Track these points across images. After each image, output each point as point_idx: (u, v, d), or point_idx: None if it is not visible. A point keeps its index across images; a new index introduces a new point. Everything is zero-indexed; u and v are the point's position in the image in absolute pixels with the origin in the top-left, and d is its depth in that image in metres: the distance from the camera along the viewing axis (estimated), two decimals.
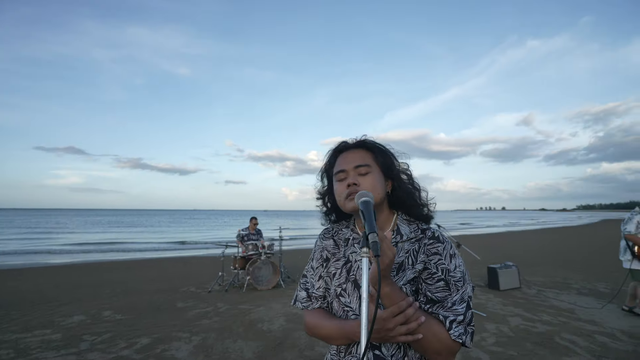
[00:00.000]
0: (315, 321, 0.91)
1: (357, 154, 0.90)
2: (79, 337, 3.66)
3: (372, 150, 0.91)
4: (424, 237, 0.88)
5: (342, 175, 0.88)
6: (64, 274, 7.88)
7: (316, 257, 0.98)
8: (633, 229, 4.17)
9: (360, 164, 0.86)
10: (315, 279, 0.96)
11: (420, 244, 0.87)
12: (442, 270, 0.82)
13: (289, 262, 8.69)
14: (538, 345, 3.34)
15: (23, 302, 5.19)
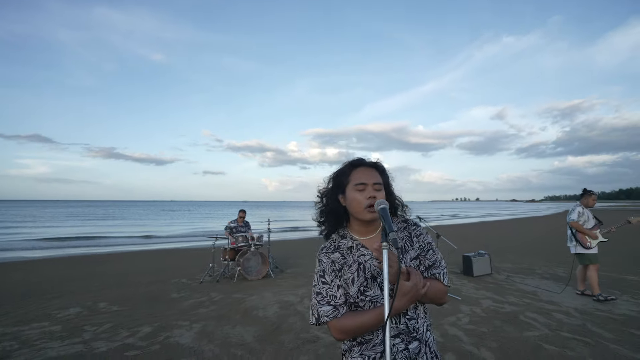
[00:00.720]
0: (351, 321, 1.06)
1: (372, 172, 1.16)
2: (80, 328, 3.79)
3: (381, 172, 1.19)
4: (407, 225, 1.19)
5: (361, 187, 1.12)
6: (47, 267, 7.77)
7: (327, 272, 1.13)
8: (575, 218, 4.75)
9: (377, 182, 1.13)
10: (334, 290, 1.10)
11: (408, 231, 1.18)
12: (427, 244, 1.17)
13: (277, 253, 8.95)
14: (505, 322, 3.81)
15: (13, 296, 5.18)
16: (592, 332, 3.49)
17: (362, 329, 1.06)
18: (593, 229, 4.76)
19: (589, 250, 4.70)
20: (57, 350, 3.19)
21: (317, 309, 1.10)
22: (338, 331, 1.07)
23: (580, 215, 4.79)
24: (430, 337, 1.13)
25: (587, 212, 4.85)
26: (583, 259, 4.80)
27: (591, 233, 4.71)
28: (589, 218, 4.81)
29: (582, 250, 4.76)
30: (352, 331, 1.07)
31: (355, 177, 1.14)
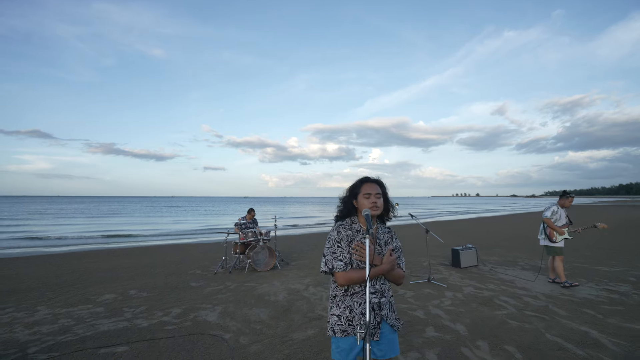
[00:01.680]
0: (352, 274, 1.70)
1: (375, 186, 1.81)
2: (119, 309, 4.47)
3: (381, 185, 1.85)
4: (390, 230, 1.89)
5: (367, 195, 1.78)
6: (72, 261, 8.46)
7: (344, 240, 1.79)
8: (549, 215, 5.42)
9: (378, 192, 1.79)
10: (345, 254, 1.76)
11: (390, 234, 1.88)
12: (398, 245, 1.85)
13: (282, 247, 9.64)
14: (480, 304, 4.49)
15: (49, 285, 5.86)
16: (551, 311, 4.17)
17: (356, 281, 1.72)
18: (563, 226, 5.43)
19: (555, 244, 5.39)
20: (107, 326, 3.87)
21: (332, 263, 1.74)
22: (344, 279, 1.71)
23: (553, 214, 5.45)
24: (392, 298, 1.83)
25: (562, 211, 5.51)
26: (550, 251, 5.48)
27: (559, 230, 5.38)
28: (561, 217, 5.47)
29: (549, 243, 5.44)
30: (352, 281, 1.71)
31: (364, 189, 1.81)
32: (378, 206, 1.75)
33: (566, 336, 3.42)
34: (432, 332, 3.57)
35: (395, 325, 1.80)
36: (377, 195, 1.78)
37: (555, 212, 5.46)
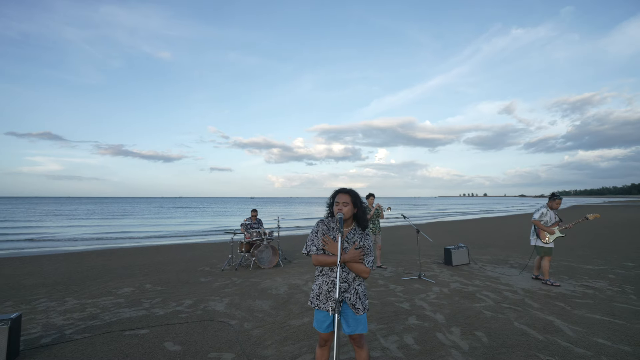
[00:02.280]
0: (322, 257, 2.25)
1: (344, 196, 2.30)
2: (138, 300, 5.02)
3: (351, 195, 2.33)
4: (364, 233, 2.34)
5: (337, 204, 2.28)
6: (90, 258, 9.10)
7: (319, 232, 2.32)
8: (537, 217, 5.80)
9: (345, 202, 2.27)
10: (319, 242, 2.30)
11: (362, 236, 2.32)
12: (368, 245, 2.29)
13: (284, 247, 10.15)
14: (463, 298, 4.94)
15: (73, 280, 6.46)
16: (525, 304, 4.60)
17: (324, 263, 2.23)
18: (553, 225, 5.79)
19: (546, 245, 5.74)
20: (129, 314, 4.41)
21: (310, 247, 2.30)
22: (316, 261, 2.25)
23: (542, 215, 5.81)
24: (359, 287, 2.29)
25: (551, 212, 5.85)
26: (539, 251, 5.85)
27: (549, 230, 5.73)
28: (550, 218, 5.82)
29: (540, 244, 5.81)
30: (321, 263, 2.24)
31: (337, 198, 2.31)
32: (343, 212, 2.24)
33: (532, 324, 3.86)
34: (414, 321, 4.04)
35: (356, 306, 2.27)
36: (344, 204, 2.28)
37: (544, 214, 5.81)
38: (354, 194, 2.36)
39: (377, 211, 7.20)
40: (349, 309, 2.25)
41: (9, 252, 11.29)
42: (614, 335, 3.52)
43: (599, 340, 3.41)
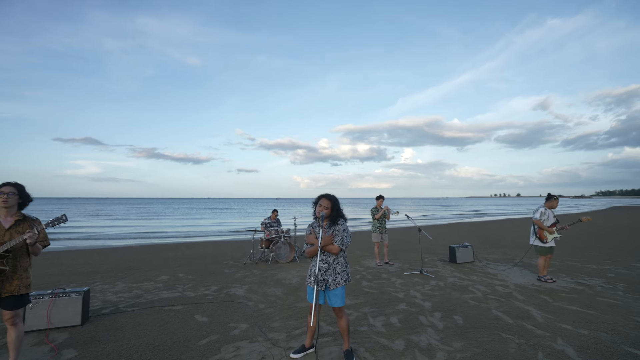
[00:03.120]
0: (309, 250, 2.98)
1: (326, 201, 3.02)
2: (173, 286, 5.97)
3: (331, 200, 3.04)
4: (338, 224, 3.03)
5: (320, 206, 3.00)
6: (132, 252, 10.36)
7: (308, 230, 3.08)
8: (538, 216, 6.12)
9: (326, 206, 2.99)
10: (310, 236, 3.06)
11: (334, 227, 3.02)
12: (338, 230, 2.99)
13: (302, 244, 10.90)
14: (455, 290, 5.45)
15: (120, 269, 7.58)
16: (511, 296, 5.05)
17: (311, 253, 2.95)
18: (551, 226, 6.11)
19: (545, 244, 6.04)
20: (166, 295, 5.35)
21: (303, 248, 3.05)
22: (308, 253, 2.98)
23: (542, 215, 6.14)
24: (337, 265, 2.97)
25: (550, 212, 6.16)
26: (539, 250, 6.15)
27: (549, 230, 6.05)
28: (549, 217, 6.14)
29: (539, 243, 6.12)
30: (311, 254, 2.96)
31: (320, 201, 3.03)
32: (323, 211, 2.94)
33: (508, 312, 4.34)
34: (403, 306, 4.64)
35: (335, 280, 2.96)
36: (325, 208, 2.99)
37: (543, 214, 6.13)
38: (334, 199, 3.07)
39: (384, 212, 7.78)
40: (328, 285, 2.95)
41: (66, 246, 12.95)
42: (579, 322, 3.94)
43: (563, 325, 3.86)
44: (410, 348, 3.33)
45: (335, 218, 3.04)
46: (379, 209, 7.77)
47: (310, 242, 3.01)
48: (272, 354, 3.23)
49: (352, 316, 4.27)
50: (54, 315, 3.82)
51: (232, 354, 3.25)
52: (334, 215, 3.04)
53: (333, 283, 2.97)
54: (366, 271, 7.02)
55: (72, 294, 3.96)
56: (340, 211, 3.09)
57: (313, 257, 3.01)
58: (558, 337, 3.54)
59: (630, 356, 3.08)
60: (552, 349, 3.24)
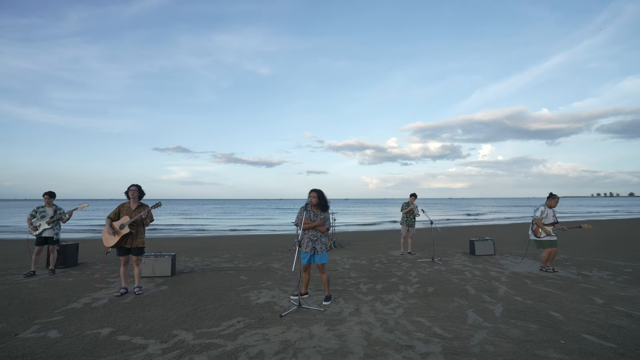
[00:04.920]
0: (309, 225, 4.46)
1: (314, 193, 4.52)
2: (231, 260, 8.01)
3: (318, 193, 4.54)
4: (325, 212, 4.53)
5: (310, 196, 4.51)
6: (205, 240, 13.12)
7: (301, 212, 4.55)
8: (539, 215, 6.58)
9: (314, 197, 4.49)
10: (300, 217, 4.58)
11: (322, 215, 4.52)
12: (325, 217, 4.48)
13: (342, 238, 12.39)
14: (451, 273, 6.34)
15: (196, 251, 10.07)
16: (496, 279, 5.79)
17: (309, 227, 4.47)
18: (549, 225, 6.54)
19: (542, 238, 6.50)
20: (225, 265, 7.37)
21: (296, 221, 4.57)
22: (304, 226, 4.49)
23: (542, 213, 6.62)
24: (323, 238, 4.46)
25: (549, 211, 6.62)
26: (539, 244, 6.61)
27: (546, 230, 6.49)
28: (548, 216, 6.58)
29: (535, 238, 6.61)
30: (307, 227, 4.48)
31: (310, 194, 4.56)
32: (313, 202, 4.42)
33: (479, 287, 5.21)
34: (394, 280, 5.82)
35: (321, 248, 4.41)
36: (314, 197, 4.46)
37: (543, 212, 6.60)
38: (320, 193, 4.53)
39: (411, 209, 8.78)
40: (316, 251, 4.44)
41: (166, 235, 16.63)
42: (534, 296, 4.67)
43: (516, 297, 4.66)
44: (375, 300, 4.60)
45: (323, 206, 4.52)
46: (409, 205, 8.79)
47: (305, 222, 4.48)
48: (280, 296, 4.84)
49: (348, 282, 5.65)
50: (156, 268, 6.05)
51: (256, 294, 4.95)
52: (321, 203, 4.51)
53: (320, 249, 4.44)
54: (386, 258, 8.17)
55: (165, 256, 6.16)
56: (326, 200, 4.54)
57: (305, 231, 4.52)
58: (500, 302, 4.41)
59: (547, 317, 3.87)
60: (484, 309, 4.19)
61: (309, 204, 4.53)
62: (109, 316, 3.99)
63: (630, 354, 2.92)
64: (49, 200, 6.49)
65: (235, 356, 2.93)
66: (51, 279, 5.98)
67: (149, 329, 3.57)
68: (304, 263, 4.55)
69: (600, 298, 4.59)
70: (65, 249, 7.04)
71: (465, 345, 3.12)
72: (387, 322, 3.75)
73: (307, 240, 4.49)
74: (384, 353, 2.97)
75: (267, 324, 3.71)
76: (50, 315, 4.03)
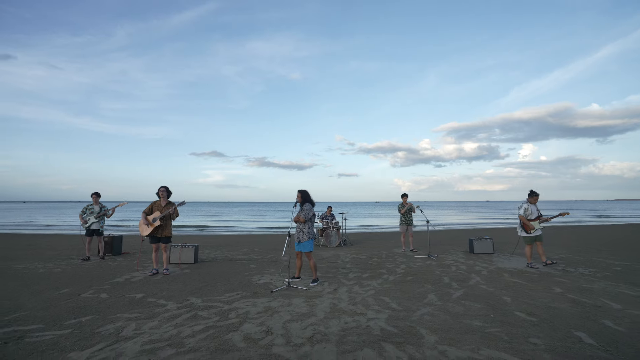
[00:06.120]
0: (294, 218, 5.45)
1: (298, 193, 5.46)
2: (247, 253, 9.13)
3: (301, 192, 5.47)
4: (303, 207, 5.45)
5: (297, 196, 5.45)
6: (228, 238, 14.48)
7: (293, 210, 5.55)
8: (522, 212, 6.99)
9: (299, 196, 5.43)
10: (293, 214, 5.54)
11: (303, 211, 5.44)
12: (303, 210, 5.39)
13: (353, 238, 13.14)
14: (438, 267, 6.93)
15: (220, 246, 11.35)
16: (477, 272, 6.32)
17: (295, 221, 5.43)
18: (535, 219, 6.94)
19: (530, 235, 6.91)
20: (241, 256, 8.49)
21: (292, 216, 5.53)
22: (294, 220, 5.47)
23: (525, 210, 7.04)
24: (305, 229, 5.37)
25: (532, 207, 7.01)
26: (527, 240, 7.02)
27: (530, 224, 6.90)
28: (532, 212, 6.98)
29: (524, 234, 7.02)
30: (295, 220, 5.44)
31: (297, 195, 5.51)
32: (298, 200, 5.34)
33: (455, 278, 5.81)
34: (381, 271, 6.55)
35: (302, 238, 5.31)
36: (298, 197, 5.38)
37: (526, 209, 7.01)
38: (304, 192, 5.44)
39: (408, 208, 9.42)
40: (300, 240, 5.35)
41: (206, 233, 18.36)
42: (502, 286, 5.21)
43: (482, 286, 5.23)
44: (355, 284, 5.41)
45: (302, 204, 5.43)
46: (404, 205, 9.43)
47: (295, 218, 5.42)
48: (278, 279, 5.80)
49: (340, 272, 6.47)
50: (182, 256, 7.29)
51: (258, 277, 5.96)
52: (303, 201, 5.42)
53: (302, 239, 5.35)
54: (386, 254, 8.85)
55: (190, 246, 7.38)
56: (308, 198, 5.45)
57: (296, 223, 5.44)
58: (464, 289, 5.03)
59: (496, 300, 4.46)
60: (446, 293, 4.85)
61: (296, 202, 5.46)
62: (142, 287, 5.20)
63: (543, 324, 3.51)
64: (96, 199, 8.00)
65: (227, 312, 3.93)
66: (101, 263, 7.44)
67: (170, 295, 4.69)
68: (296, 250, 5.47)
69: (560, 288, 5.04)
70: (113, 240, 8.55)
71: (408, 315, 3.87)
72: (355, 298, 4.57)
73: (296, 232, 5.41)
74: (339, 317, 3.81)
75: (259, 296, 4.68)
76: (101, 284, 5.33)
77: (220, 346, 3.00)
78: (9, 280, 5.66)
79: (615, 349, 2.93)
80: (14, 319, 3.70)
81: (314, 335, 3.26)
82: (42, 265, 7.12)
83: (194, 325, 3.54)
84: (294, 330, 3.40)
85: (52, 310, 4.04)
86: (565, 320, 3.64)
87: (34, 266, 6.98)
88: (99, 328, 3.44)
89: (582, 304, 4.23)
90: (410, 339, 3.17)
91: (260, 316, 3.84)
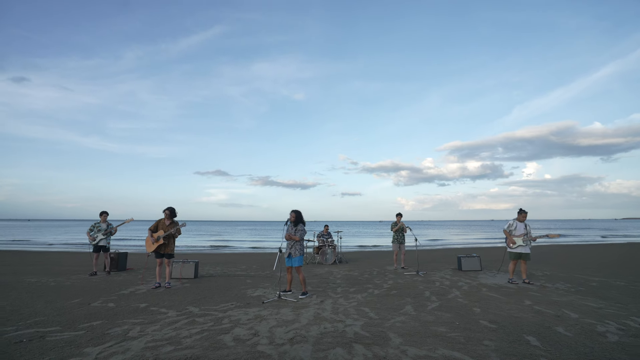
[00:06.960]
0: (287, 235, 5.96)
1: (292, 213, 6.01)
2: (245, 270, 9.57)
3: (295, 213, 6.03)
4: (297, 226, 5.97)
5: (290, 215, 6.00)
6: (231, 256, 14.91)
7: (285, 229, 6.06)
8: (506, 227, 7.44)
9: (292, 215, 5.97)
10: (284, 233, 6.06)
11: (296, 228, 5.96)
12: (297, 229, 5.91)
13: (348, 256, 13.51)
14: (422, 283, 7.33)
15: (223, 263, 11.80)
16: (459, 287, 6.71)
17: (288, 239, 5.94)
18: (519, 236, 7.36)
19: (512, 250, 7.33)
20: (239, 272, 8.93)
21: (283, 233, 6.05)
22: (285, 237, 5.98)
23: (510, 226, 7.50)
24: (297, 245, 5.88)
25: (517, 223, 7.47)
26: (510, 255, 7.43)
27: (511, 239, 7.34)
28: (516, 228, 7.41)
29: (508, 249, 7.43)
30: (287, 238, 5.96)
31: (290, 214, 6.06)
32: (291, 219, 5.89)
33: (436, 293, 6.22)
34: (368, 286, 6.96)
35: (294, 253, 5.80)
36: (292, 216, 5.93)
37: (511, 225, 7.46)
38: (297, 213, 5.99)
39: (400, 227, 9.89)
40: (291, 255, 5.85)
41: (208, 251, 18.80)
42: (476, 299, 5.62)
43: (459, 300, 5.63)
44: (341, 297, 5.85)
45: (296, 222, 5.96)
46: (397, 224, 9.91)
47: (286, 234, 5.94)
48: (270, 292, 6.26)
49: (330, 287, 6.90)
50: (183, 271, 7.78)
51: (253, 290, 6.42)
52: (297, 221, 5.96)
53: (293, 254, 5.85)
54: (378, 271, 9.25)
55: (191, 262, 7.88)
56: (301, 219, 5.98)
57: (288, 241, 5.96)
58: (440, 302, 5.45)
59: (466, 311, 4.88)
60: (422, 304, 5.27)
61: (289, 220, 6.00)
62: (146, 298, 5.69)
63: (500, 330, 3.94)
64: (104, 217, 8.60)
65: (221, 319, 4.41)
66: (107, 277, 7.94)
67: (171, 305, 5.18)
68: (287, 265, 5.96)
69: (530, 301, 5.45)
70: (119, 257, 9.08)
71: (382, 323, 4.31)
72: (338, 309, 5.02)
73: (287, 248, 5.93)
74: (320, 324, 4.27)
75: (251, 306, 5.15)
76: (108, 295, 5.83)
77: (213, 345, 3.48)
78: (23, 292, 6.18)
79: (557, 350, 3.35)
80: (34, 323, 4.21)
81: (295, 337, 3.72)
82: (53, 279, 7.65)
83: (191, 328, 4.02)
84: (278, 333, 3.87)
85: (67, 316, 4.55)
86: (521, 327, 4.06)
87: (45, 280, 7.51)
88: (109, 330, 3.94)
89: (543, 314, 4.64)
90: (379, 341, 3.63)
91: (250, 322, 4.31)
